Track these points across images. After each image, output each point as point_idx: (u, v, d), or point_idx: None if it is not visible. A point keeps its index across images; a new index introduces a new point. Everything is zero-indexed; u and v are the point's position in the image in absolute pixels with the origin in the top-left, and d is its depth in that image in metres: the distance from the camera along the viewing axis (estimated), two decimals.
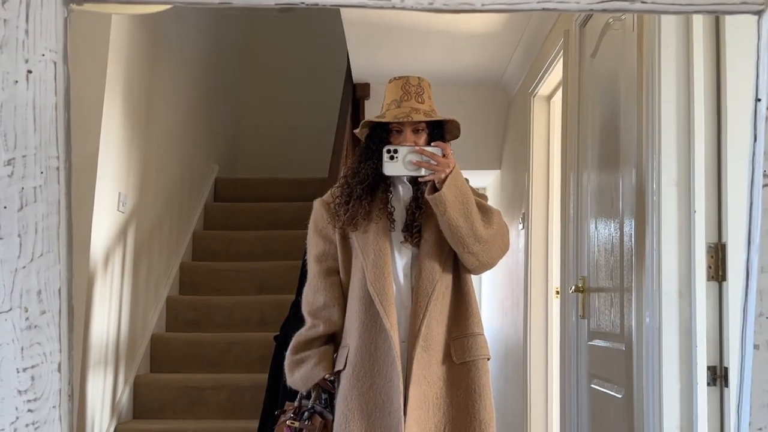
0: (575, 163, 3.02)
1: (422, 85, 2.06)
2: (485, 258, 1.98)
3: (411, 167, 1.92)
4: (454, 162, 1.93)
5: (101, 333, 3.45)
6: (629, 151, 2.31)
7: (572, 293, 2.84)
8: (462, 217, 1.90)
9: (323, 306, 2.06)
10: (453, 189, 1.90)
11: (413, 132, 2.01)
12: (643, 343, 2.09)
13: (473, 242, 1.93)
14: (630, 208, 2.27)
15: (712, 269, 1.95)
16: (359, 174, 2.03)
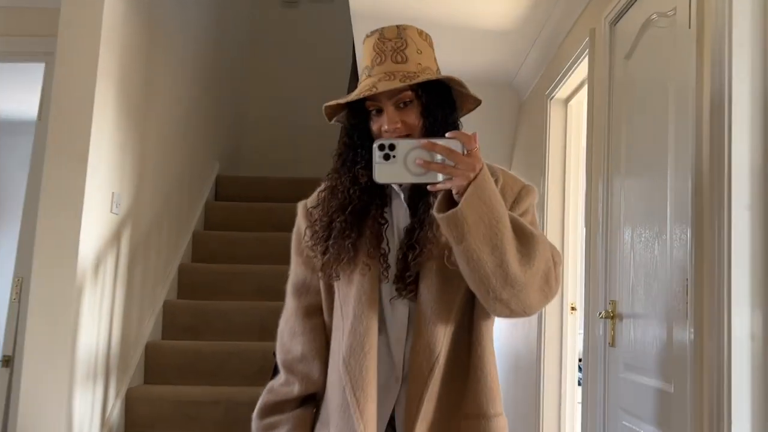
0: (604, 170, 2.65)
1: (405, 36, 1.36)
2: (518, 306, 1.25)
3: (417, 170, 1.20)
4: (482, 161, 1.19)
5: (91, 343, 3.07)
6: (682, 165, 1.94)
7: (601, 319, 2.46)
8: (488, 247, 1.20)
9: (300, 358, 1.45)
10: (477, 204, 1.18)
11: (396, 107, 1.32)
12: (703, 389, 1.72)
13: (502, 285, 1.21)
14: (683, 231, 1.89)
15: None
16: (337, 193, 1.38)
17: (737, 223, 1.63)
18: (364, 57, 1.39)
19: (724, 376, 1.61)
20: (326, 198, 1.39)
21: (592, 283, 2.67)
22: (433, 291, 1.33)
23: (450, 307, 1.33)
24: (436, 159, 1.18)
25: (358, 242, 1.35)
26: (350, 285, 1.37)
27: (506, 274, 1.20)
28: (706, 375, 1.71)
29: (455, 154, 1.17)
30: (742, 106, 1.66)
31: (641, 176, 2.31)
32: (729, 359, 1.61)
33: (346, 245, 1.34)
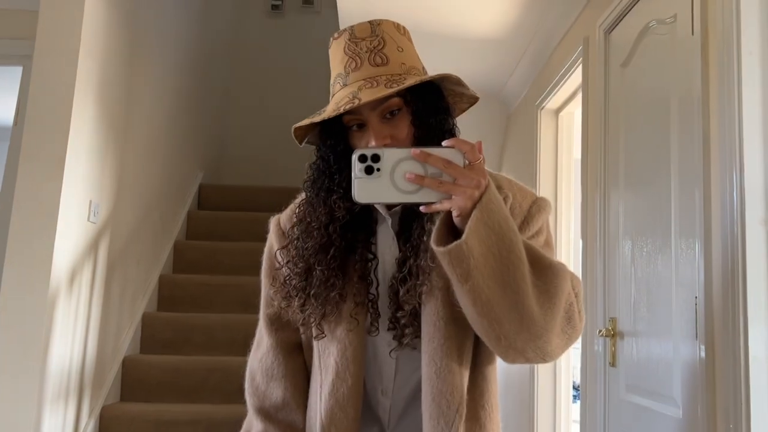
0: (601, 182, 2.55)
1: (381, 32, 1.12)
2: (536, 355, 1.02)
3: (407, 187, 0.94)
4: (487, 176, 0.96)
5: (63, 358, 2.90)
6: (688, 178, 1.83)
7: (600, 337, 2.35)
8: (499, 286, 0.95)
9: (282, 406, 1.23)
10: (485, 232, 0.93)
11: (383, 118, 1.09)
12: (716, 415, 1.61)
13: (517, 331, 0.98)
14: (690, 246, 1.79)
15: None
16: (312, 231, 1.13)
17: (752, 238, 1.52)
18: (333, 63, 1.15)
19: (742, 399, 1.50)
20: (300, 236, 1.15)
21: (589, 299, 2.56)
22: (440, 330, 1.08)
23: (462, 351, 1.09)
24: (431, 173, 0.93)
25: (344, 290, 1.12)
26: (332, 339, 1.15)
27: (522, 317, 0.97)
28: (720, 398, 1.60)
29: (454, 167, 0.93)
30: (753, 117, 1.56)
31: (642, 189, 2.20)
32: (747, 380, 1.50)
33: (332, 297, 1.11)
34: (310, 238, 1.13)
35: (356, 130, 1.10)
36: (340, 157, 1.11)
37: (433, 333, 1.09)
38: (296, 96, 6.05)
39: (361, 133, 1.09)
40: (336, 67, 1.14)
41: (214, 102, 5.64)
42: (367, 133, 1.08)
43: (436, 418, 1.08)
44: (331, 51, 1.16)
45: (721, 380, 1.60)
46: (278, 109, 6.07)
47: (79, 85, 2.90)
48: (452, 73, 1.12)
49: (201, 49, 5.05)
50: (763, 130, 1.56)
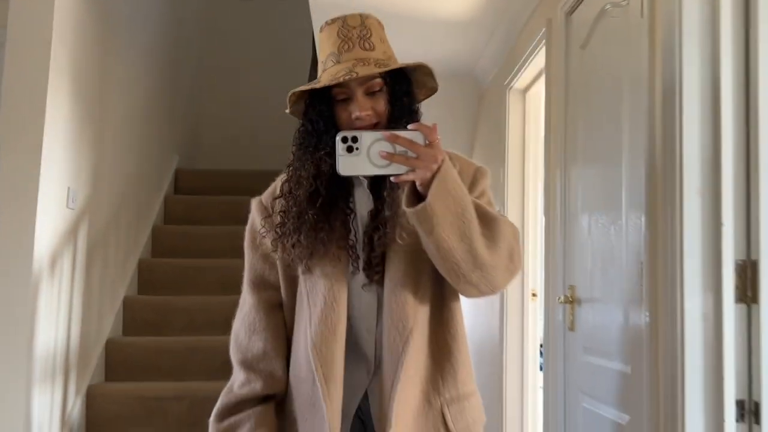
0: (561, 159, 2.71)
1: (368, 24, 1.37)
2: (487, 287, 1.31)
3: (380, 162, 1.21)
4: (443, 153, 1.22)
5: (49, 341, 3.03)
6: (636, 151, 1.99)
7: (560, 303, 2.52)
8: (457, 236, 1.23)
9: (262, 356, 1.42)
10: (444, 196, 1.21)
11: (367, 95, 1.34)
12: (659, 369, 1.79)
13: (471, 269, 1.26)
14: (638, 215, 1.95)
15: (740, 290, 1.65)
16: (302, 181, 1.36)
17: (689, 207, 1.68)
18: (326, 43, 1.37)
19: (678, 356, 1.67)
20: (291, 188, 1.38)
21: (551, 270, 2.73)
22: (400, 270, 1.35)
23: (417, 286, 1.36)
24: (399, 151, 1.20)
25: (331, 234, 1.36)
26: (320, 276, 1.37)
27: (475, 259, 1.26)
28: (661, 355, 1.77)
29: (417, 146, 1.20)
30: (692, 94, 1.72)
31: (597, 165, 2.37)
32: (683, 339, 1.67)
33: (320, 238, 1.35)
34: (301, 186, 1.36)
35: (341, 103, 1.35)
36: (327, 121, 1.36)
37: (395, 272, 1.35)
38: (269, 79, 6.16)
39: (346, 105, 1.35)
40: (328, 47, 1.37)
41: (188, 86, 5.72)
42: (352, 104, 1.33)
43: (392, 339, 1.34)
44: (324, 33, 1.39)
45: (662, 340, 1.77)
46: (251, 93, 6.18)
47: (52, 73, 2.99)
48: (423, 63, 1.38)
49: (173, 33, 5.13)
50: (701, 107, 1.71)
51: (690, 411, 1.65)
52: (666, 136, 1.79)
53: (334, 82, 1.30)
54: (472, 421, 1.40)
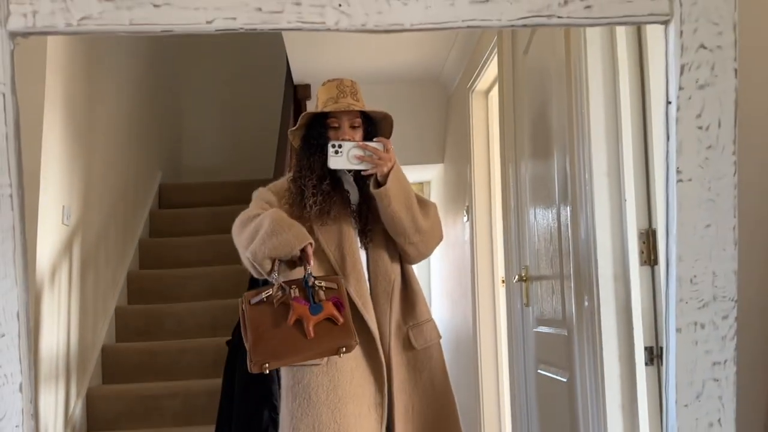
0: (513, 155, 3.12)
1: (355, 86, 2.15)
2: (423, 248, 2.14)
3: (355, 161, 1.98)
4: (395, 157, 2.02)
5: (51, 347, 3.42)
6: (561, 142, 2.41)
7: (516, 282, 2.94)
8: (404, 209, 2.02)
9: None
10: (396, 183, 2.00)
11: (351, 127, 2.09)
12: (583, 327, 2.20)
13: (414, 233, 2.06)
14: (564, 198, 2.37)
15: (644, 254, 2.06)
16: (313, 169, 2.07)
17: (598, 187, 2.10)
18: (326, 92, 2.12)
19: (596, 314, 2.09)
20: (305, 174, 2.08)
21: (511, 252, 3.14)
22: (380, 239, 2.11)
23: (391, 251, 2.13)
24: (367, 154, 1.98)
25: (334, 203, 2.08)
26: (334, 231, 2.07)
27: (416, 225, 2.07)
28: (585, 316, 2.19)
29: (379, 152, 1.99)
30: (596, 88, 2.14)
31: (537, 159, 2.78)
32: (598, 300, 2.08)
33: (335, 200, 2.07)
34: (312, 170, 2.08)
35: (333, 129, 2.10)
36: (321, 135, 2.10)
37: (377, 241, 2.12)
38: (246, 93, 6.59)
39: (335, 131, 2.10)
40: (329, 93, 2.11)
41: (169, 103, 6.13)
42: (340, 131, 2.09)
43: (383, 286, 2.09)
44: (326, 86, 2.14)
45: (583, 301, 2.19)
46: (230, 107, 6.60)
47: (47, 100, 3.40)
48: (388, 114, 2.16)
49: (153, 53, 5.55)
50: (604, 102, 2.14)
51: (607, 359, 2.07)
52: (578, 128, 2.21)
53: (340, 109, 2.08)
54: (430, 338, 2.15)
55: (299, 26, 1.10)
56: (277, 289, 1.88)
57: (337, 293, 1.91)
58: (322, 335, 1.83)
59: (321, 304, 1.86)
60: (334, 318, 1.85)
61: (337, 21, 1.10)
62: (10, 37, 1.01)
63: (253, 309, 1.88)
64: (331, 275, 2.00)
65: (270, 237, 1.88)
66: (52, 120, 3.48)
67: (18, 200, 1.04)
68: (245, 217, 2.05)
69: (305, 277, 1.90)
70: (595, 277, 2.10)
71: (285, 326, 1.83)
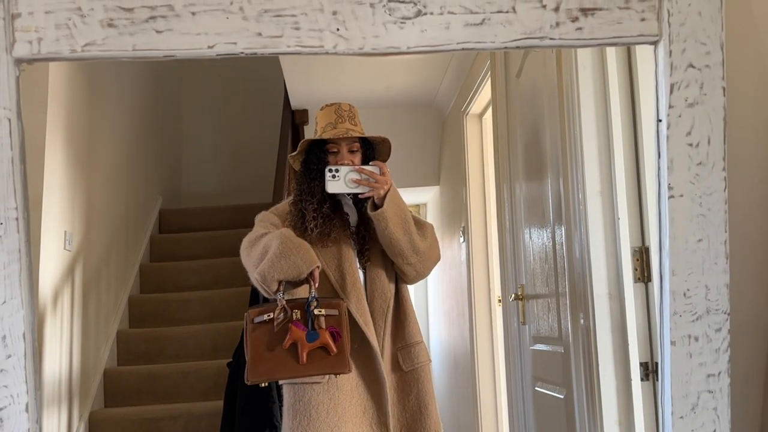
0: (507, 176, 3.13)
1: (353, 111, 2.17)
2: (421, 268, 2.13)
3: (352, 185, 2.00)
4: (391, 180, 2.04)
5: (54, 371, 3.40)
6: (555, 163, 2.42)
7: (512, 301, 2.94)
8: (401, 231, 2.03)
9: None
10: (392, 205, 2.01)
11: (349, 152, 2.11)
12: (579, 343, 2.19)
13: (411, 254, 2.07)
14: (558, 217, 2.38)
15: (638, 271, 2.07)
16: (314, 193, 2.09)
17: (591, 206, 2.11)
18: (326, 117, 2.14)
19: (591, 331, 2.09)
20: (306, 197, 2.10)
21: (506, 273, 3.14)
22: (378, 259, 2.12)
23: (389, 272, 2.14)
24: (364, 178, 2.00)
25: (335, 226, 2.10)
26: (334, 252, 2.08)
27: (413, 246, 2.07)
28: (580, 333, 2.18)
29: (375, 175, 2.01)
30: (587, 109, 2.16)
31: (531, 181, 2.79)
32: (594, 317, 2.08)
33: (335, 223, 2.09)
34: (312, 194, 2.10)
35: (332, 154, 2.11)
36: (320, 161, 2.11)
37: (375, 261, 2.13)
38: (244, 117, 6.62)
39: (334, 156, 2.10)
40: (327, 119, 2.13)
41: (169, 129, 6.15)
42: (339, 156, 2.10)
43: (379, 304, 2.10)
44: (324, 111, 2.16)
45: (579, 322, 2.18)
46: (230, 132, 6.63)
47: (49, 128, 3.41)
48: (386, 138, 2.17)
49: (154, 79, 5.58)
50: (596, 123, 2.15)
51: (603, 375, 2.06)
52: (571, 149, 2.23)
53: (338, 136, 2.08)
54: (418, 361, 2.12)
55: (298, 50, 1.11)
56: (279, 311, 1.89)
57: (338, 321, 1.92)
58: (315, 361, 1.88)
59: (318, 332, 1.89)
60: (329, 348, 1.89)
61: (336, 45, 1.11)
62: (15, 63, 1.02)
63: (255, 328, 1.92)
64: (334, 298, 2.00)
65: (279, 259, 1.90)
66: (54, 147, 3.49)
67: (24, 223, 1.04)
68: (253, 237, 2.07)
69: (308, 301, 1.91)
70: (590, 295, 2.10)
71: (280, 349, 1.88)
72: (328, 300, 1.96)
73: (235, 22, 1.06)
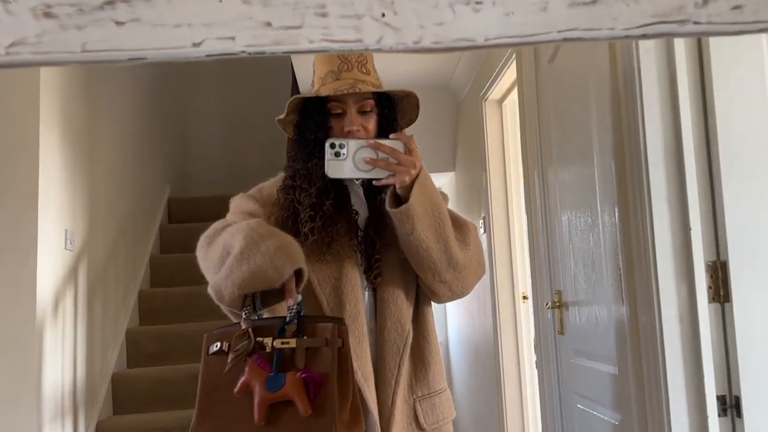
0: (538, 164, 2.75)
1: (365, 55, 1.46)
2: (458, 287, 1.41)
3: (364, 167, 1.31)
4: (421, 160, 1.32)
5: (56, 381, 3.06)
6: (607, 163, 2.04)
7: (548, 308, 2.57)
8: (434, 236, 1.32)
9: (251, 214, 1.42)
10: (422, 199, 1.30)
11: (360, 113, 1.42)
12: (642, 370, 1.83)
13: (446, 269, 1.36)
14: (612, 225, 2.00)
15: (713, 290, 1.70)
16: (311, 178, 1.40)
17: (658, 214, 1.73)
18: (325, 64, 1.44)
19: (659, 357, 1.72)
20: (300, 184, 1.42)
21: (537, 275, 2.77)
22: (394, 275, 1.43)
23: (407, 291, 1.44)
24: (381, 157, 1.30)
25: (342, 229, 1.42)
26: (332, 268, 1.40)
27: (450, 259, 1.37)
28: (644, 357, 1.82)
29: (398, 153, 1.30)
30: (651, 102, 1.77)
31: (571, 167, 2.41)
32: (662, 341, 1.71)
33: (337, 229, 1.40)
34: (310, 179, 1.41)
35: (335, 116, 1.42)
36: (323, 131, 1.42)
37: (390, 278, 1.43)
38: (252, 103, 6.21)
39: (339, 119, 1.42)
40: (327, 66, 1.44)
41: (174, 115, 5.75)
42: (345, 119, 1.41)
43: (393, 340, 1.41)
44: (323, 55, 1.43)
45: (643, 340, 1.81)
46: (237, 118, 6.22)
47: (43, 120, 3.03)
48: (412, 91, 1.48)
49: (156, 67, 5.17)
50: (662, 120, 1.77)
51: (674, 409, 1.70)
52: (632, 150, 1.84)
53: (338, 93, 1.38)
54: (442, 417, 1.47)
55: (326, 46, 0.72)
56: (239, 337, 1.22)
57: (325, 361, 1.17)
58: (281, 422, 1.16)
59: (283, 377, 1.16)
60: (298, 405, 1.15)
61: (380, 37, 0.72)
62: None
63: (209, 363, 1.28)
64: (329, 319, 1.26)
65: (239, 264, 1.22)
66: (50, 141, 3.11)
67: None
68: (211, 231, 1.42)
69: (283, 322, 1.21)
70: (657, 316, 1.73)
71: (234, 397, 1.19)
72: (315, 322, 1.23)
73: (232, 8, 0.67)
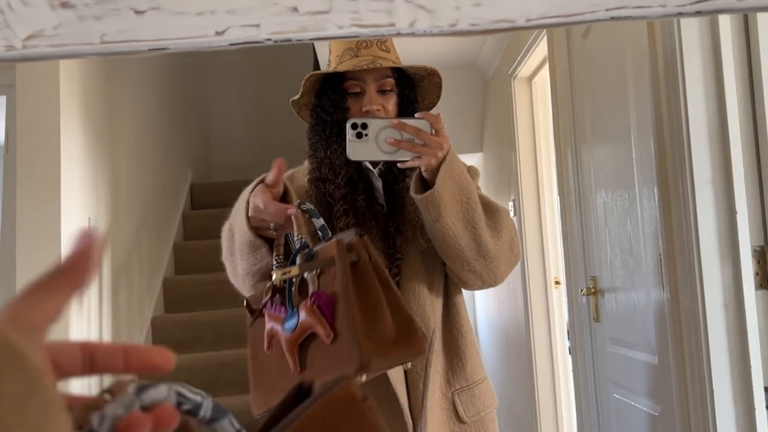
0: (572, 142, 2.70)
1: None
2: (490, 277, 1.32)
3: (387, 149, 1.24)
4: (449, 141, 1.25)
5: None
6: (646, 143, 1.98)
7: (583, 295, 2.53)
8: (462, 223, 1.25)
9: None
10: (449, 183, 1.23)
11: (379, 93, 1.37)
12: (684, 360, 1.79)
13: (476, 257, 1.28)
14: (651, 208, 1.95)
15: (760, 276, 1.64)
16: (335, 168, 1.36)
17: (701, 196, 1.68)
18: (342, 41, 1.38)
19: (702, 347, 1.68)
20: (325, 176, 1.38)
21: (571, 260, 2.73)
22: (415, 269, 1.35)
23: (431, 284, 1.36)
24: (406, 138, 1.24)
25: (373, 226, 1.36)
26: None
27: (479, 246, 1.28)
28: (686, 347, 1.77)
29: (424, 134, 1.23)
30: (694, 80, 1.71)
31: (607, 144, 2.35)
32: (706, 330, 1.67)
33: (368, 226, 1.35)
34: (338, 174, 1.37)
35: (353, 96, 1.37)
36: (341, 111, 1.38)
37: (410, 271, 1.35)
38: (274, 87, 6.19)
39: (357, 99, 1.37)
40: (345, 43, 1.38)
41: (195, 100, 5.75)
42: (364, 98, 1.36)
43: None
44: None
45: (685, 330, 1.77)
46: (258, 102, 6.21)
47: (63, 107, 3.03)
48: (435, 68, 1.42)
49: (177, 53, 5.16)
50: (705, 98, 1.71)
51: (719, 400, 1.66)
52: (673, 129, 1.79)
53: (358, 68, 1.33)
54: (483, 407, 1.41)
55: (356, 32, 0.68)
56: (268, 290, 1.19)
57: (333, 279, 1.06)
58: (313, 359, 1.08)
59: (296, 312, 1.09)
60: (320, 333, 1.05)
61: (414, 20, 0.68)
62: None
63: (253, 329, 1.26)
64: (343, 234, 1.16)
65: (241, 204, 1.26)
66: (71, 128, 3.12)
67: None
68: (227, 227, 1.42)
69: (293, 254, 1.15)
70: (701, 304, 1.68)
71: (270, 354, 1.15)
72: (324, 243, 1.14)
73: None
